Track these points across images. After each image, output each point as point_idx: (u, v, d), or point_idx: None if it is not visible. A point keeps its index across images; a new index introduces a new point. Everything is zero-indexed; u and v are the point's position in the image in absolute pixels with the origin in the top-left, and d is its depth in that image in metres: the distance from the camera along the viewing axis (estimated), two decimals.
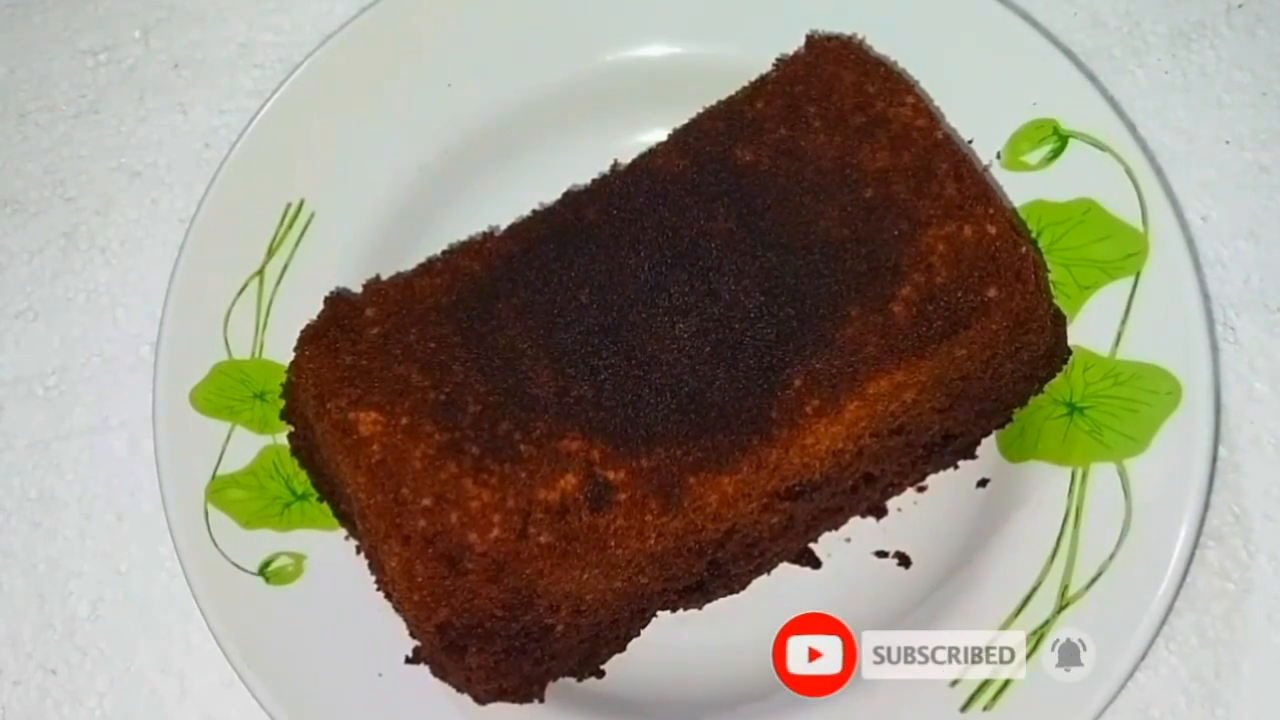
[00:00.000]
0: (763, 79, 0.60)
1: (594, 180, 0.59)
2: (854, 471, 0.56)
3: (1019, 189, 0.61)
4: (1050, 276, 0.59)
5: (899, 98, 0.58)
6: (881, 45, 0.61)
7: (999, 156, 0.62)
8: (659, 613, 0.58)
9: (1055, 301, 0.58)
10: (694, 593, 0.57)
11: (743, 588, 0.58)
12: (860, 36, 0.61)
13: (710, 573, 0.56)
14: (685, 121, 0.60)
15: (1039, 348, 0.56)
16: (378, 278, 0.58)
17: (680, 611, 0.58)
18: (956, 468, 0.60)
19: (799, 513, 0.56)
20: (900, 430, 0.55)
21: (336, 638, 0.54)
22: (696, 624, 0.59)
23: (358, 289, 0.59)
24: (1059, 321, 0.58)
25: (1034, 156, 0.61)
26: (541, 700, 0.56)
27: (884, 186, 0.56)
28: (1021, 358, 0.56)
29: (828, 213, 0.55)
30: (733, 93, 0.60)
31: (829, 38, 0.60)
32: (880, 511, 0.60)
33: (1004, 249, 0.54)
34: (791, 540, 0.58)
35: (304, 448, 0.58)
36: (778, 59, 0.60)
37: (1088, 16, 0.69)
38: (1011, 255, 0.54)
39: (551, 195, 0.59)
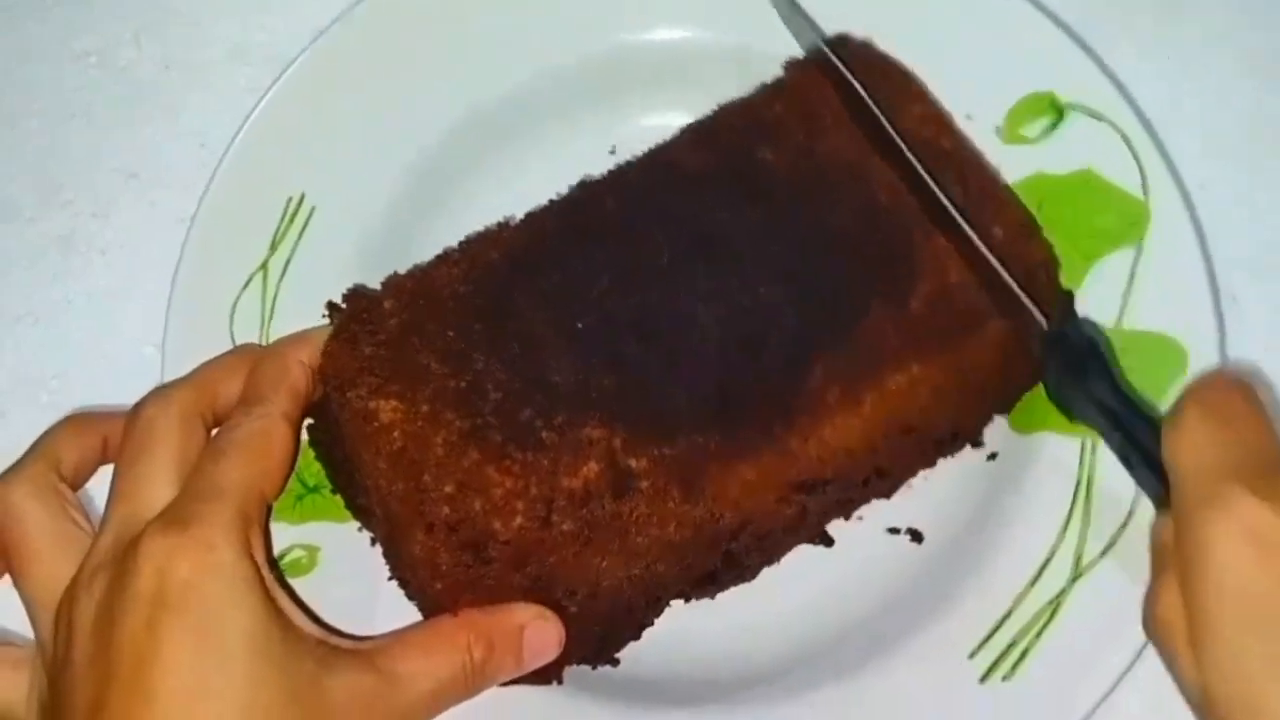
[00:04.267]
0: (780, 82, 0.60)
1: (610, 170, 0.59)
2: (866, 468, 0.56)
3: (1018, 163, 0.61)
4: (1054, 249, 0.59)
5: (906, 108, 0.58)
6: (878, 22, 0.62)
7: (998, 131, 0.62)
8: (672, 601, 0.58)
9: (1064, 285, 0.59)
10: (707, 583, 0.57)
11: (754, 577, 0.59)
12: (869, 37, 0.61)
13: (724, 563, 0.56)
14: (691, 105, 0.60)
15: None
16: (395, 273, 0.58)
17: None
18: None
19: (812, 506, 0.56)
20: (912, 429, 0.56)
21: (351, 629, 0.54)
22: (710, 604, 0.59)
23: (361, 279, 0.59)
24: (1067, 302, 0.58)
25: (1032, 130, 0.62)
26: (560, 682, 0.56)
27: (896, 194, 0.57)
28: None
29: (846, 215, 0.56)
30: (741, 80, 0.60)
31: (845, 43, 0.61)
32: (890, 494, 0.60)
33: (1010, 251, 0.55)
34: (803, 533, 0.58)
35: (324, 440, 0.58)
36: (787, 60, 0.61)
37: None
38: (1019, 255, 0.55)
39: (553, 182, 0.59)
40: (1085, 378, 0.52)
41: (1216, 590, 0.44)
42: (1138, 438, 0.51)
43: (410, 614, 0.55)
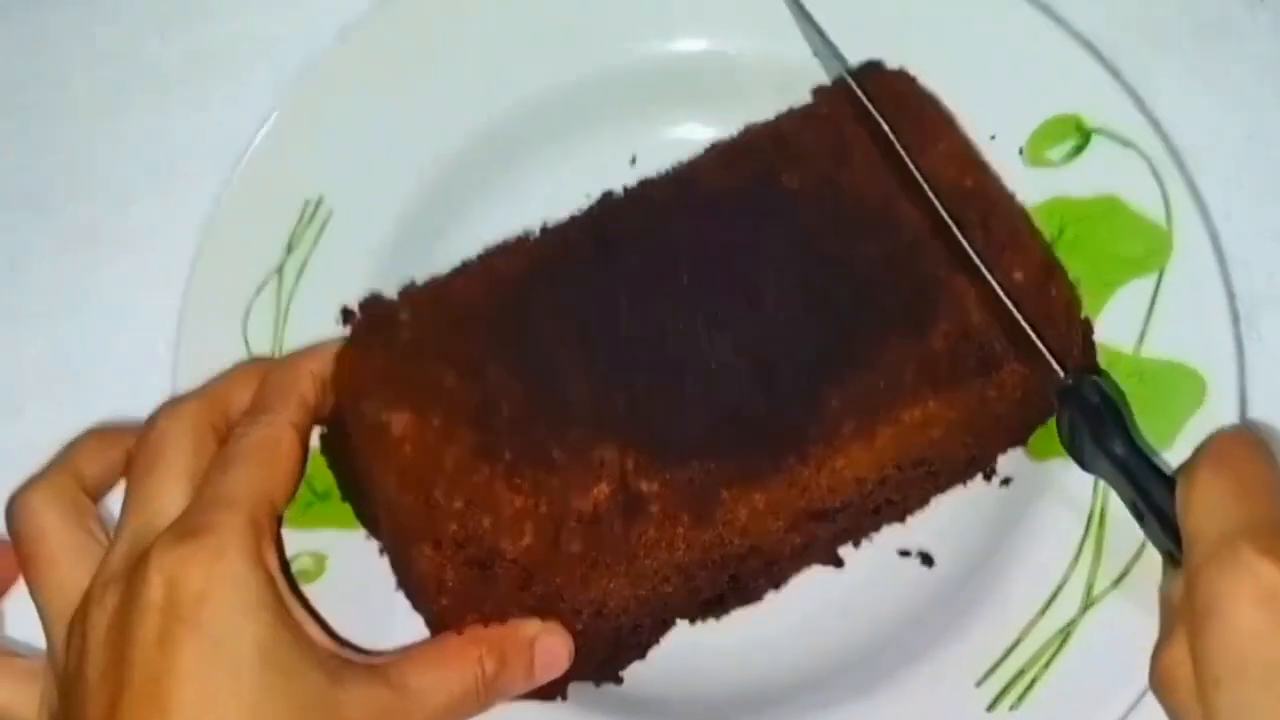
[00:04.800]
0: (809, 109, 0.60)
1: (633, 187, 0.59)
2: (877, 499, 0.56)
3: (1041, 185, 0.61)
4: (1072, 274, 0.58)
5: (932, 144, 0.58)
6: (907, 39, 0.61)
7: (1021, 153, 0.62)
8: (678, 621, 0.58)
9: (1084, 317, 0.58)
10: (713, 606, 0.57)
11: (760, 599, 0.58)
12: (898, 54, 0.61)
13: (730, 587, 0.56)
14: (714, 117, 0.60)
15: None
16: (412, 283, 0.58)
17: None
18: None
19: (821, 533, 0.56)
20: (923, 462, 0.55)
21: (358, 638, 0.54)
22: (716, 624, 0.58)
23: (377, 286, 0.59)
24: (1086, 332, 0.58)
25: (1056, 153, 0.61)
26: (564, 699, 0.56)
27: (922, 229, 0.56)
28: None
29: (869, 248, 0.56)
30: (764, 92, 0.60)
31: (875, 72, 0.61)
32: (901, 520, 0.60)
33: (1030, 294, 0.55)
34: (811, 559, 0.58)
35: (336, 450, 0.58)
36: (816, 87, 0.61)
37: (1110, 12, 0.68)
38: (1040, 299, 0.55)
39: (574, 192, 0.59)
40: (1099, 432, 0.52)
41: (1225, 647, 0.45)
42: (1150, 493, 0.51)
43: (417, 624, 0.55)
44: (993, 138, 0.61)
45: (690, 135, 0.61)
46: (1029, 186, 0.60)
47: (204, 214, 0.63)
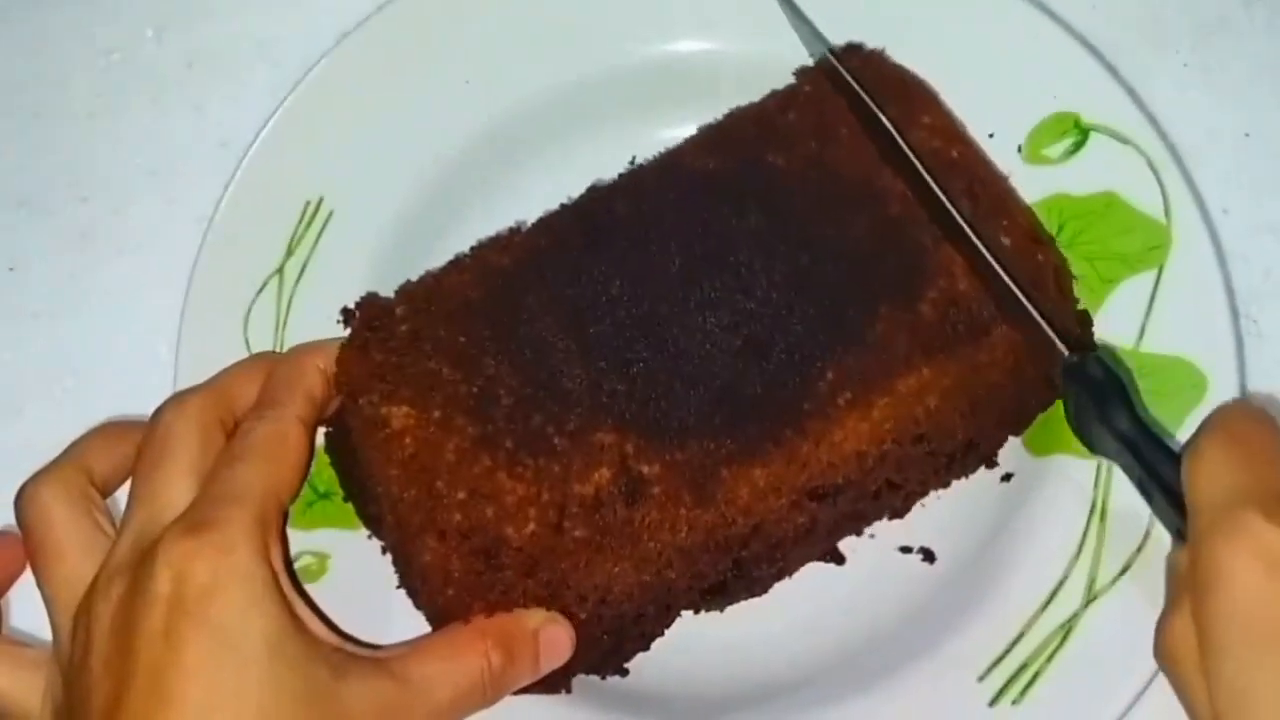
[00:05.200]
0: (792, 89, 0.60)
1: (621, 175, 0.59)
2: (878, 477, 0.56)
3: (1040, 183, 0.61)
4: (1073, 273, 0.59)
5: (916, 118, 0.58)
6: (904, 38, 0.61)
7: (1020, 150, 0.62)
8: (682, 612, 0.58)
9: (1080, 303, 0.58)
10: (717, 595, 0.57)
11: (765, 591, 0.58)
12: (881, 47, 0.61)
13: (734, 573, 0.56)
14: (712, 118, 0.60)
15: None
16: (408, 281, 0.58)
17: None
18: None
19: (823, 516, 0.56)
20: (923, 438, 0.55)
21: (360, 636, 0.54)
22: (720, 619, 0.58)
23: (377, 287, 0.59)
24: (1085, 324, 0.58)
25: (1055, 150, 0.61)
26: (569, 691, 0.56)
27: (907, 201, 0.56)
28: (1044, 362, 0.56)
29: (856, 222, 0.56)
30: (758, 90, 0.60)
31: (853, 53, 0.61)
32: (902, 512, 0.60)
33: (1018, 261, 0.55)
34: (814, 545, 0.58)
35: (339, 448, 0.58)
36: (798, 69, 0.61)
37: (1107, 10, 0.69)
38: (1028, 264, 0.55)
39: (574, 191, 0.59)
40: (1104, 408, 0.52)
41: (1229, 613, 0.45)
42: (1157, 469, 0.51)
43: (419, 623, 0.55)
44: (991, 136, 0.61)
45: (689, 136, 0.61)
46: (1027, 184, 0.61)
47: (204, 214, 0.63)
